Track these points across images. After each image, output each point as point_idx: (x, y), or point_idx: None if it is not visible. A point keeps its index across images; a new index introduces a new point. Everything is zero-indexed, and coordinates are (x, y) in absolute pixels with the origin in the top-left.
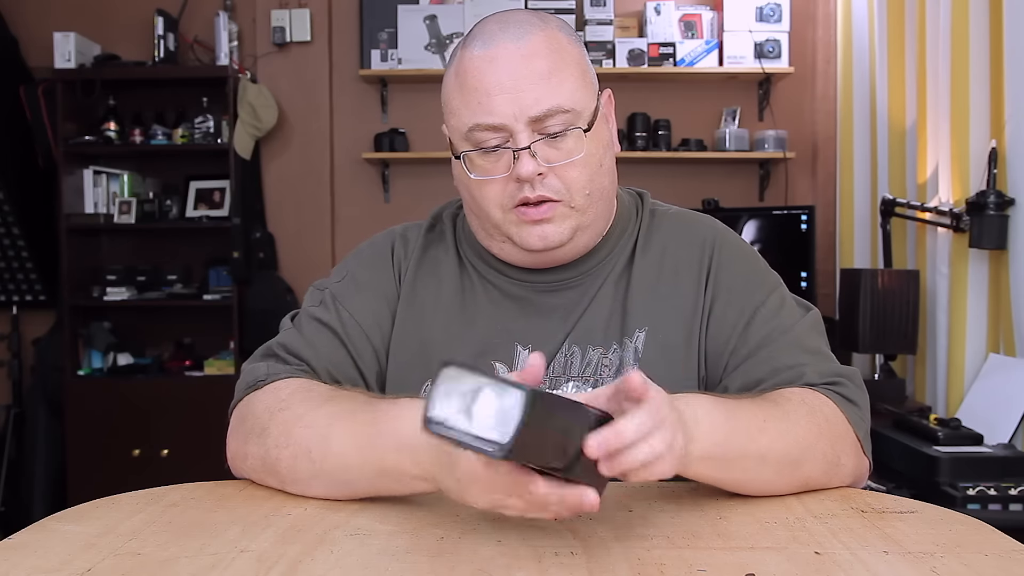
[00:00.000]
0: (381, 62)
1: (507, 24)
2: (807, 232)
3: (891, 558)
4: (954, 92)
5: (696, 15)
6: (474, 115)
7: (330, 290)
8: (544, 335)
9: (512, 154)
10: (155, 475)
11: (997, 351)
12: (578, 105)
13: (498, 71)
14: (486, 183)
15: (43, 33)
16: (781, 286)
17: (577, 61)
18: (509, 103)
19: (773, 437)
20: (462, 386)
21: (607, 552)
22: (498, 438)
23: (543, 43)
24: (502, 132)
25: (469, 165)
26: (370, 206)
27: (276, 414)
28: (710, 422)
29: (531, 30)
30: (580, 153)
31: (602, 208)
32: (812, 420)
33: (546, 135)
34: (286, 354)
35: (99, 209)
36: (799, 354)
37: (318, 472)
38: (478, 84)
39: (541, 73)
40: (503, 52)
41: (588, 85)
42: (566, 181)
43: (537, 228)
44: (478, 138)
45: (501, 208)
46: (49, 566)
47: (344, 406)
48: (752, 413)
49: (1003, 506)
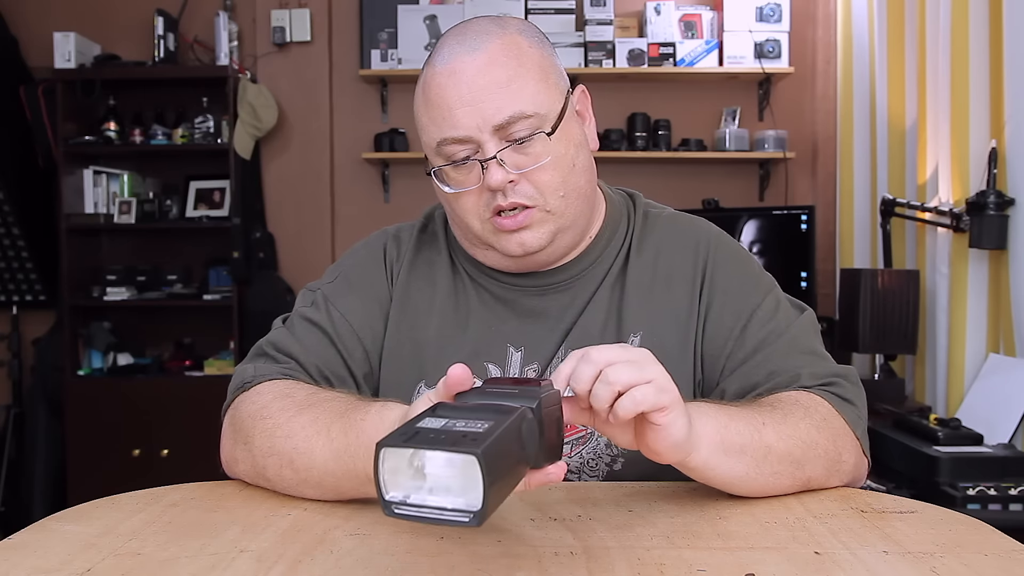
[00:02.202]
0: (381, 62)
1: (465, 36)
2: (807, 232)
3: (891, 558)
4: (954, 92)
5: (696, 15)
6: (440, 130)
7: (322, 291)
8: (537, 338)
9: (481, 165)
10: (155, 475)
11: (997, 351)
12: (541, 108)
13: (458, 85)
14: (461, 196)
15: (43, 33)
16: (775, 288)
17: (538, 64)
18: (471, 115)
19: (774, 436)
20: (406, 460)
21: (607, 552)
22: (468, 506)
23: (500, 51)
24: (469, 144)
25: (443, 179)
26: (370, 206)
27: (257, 423)
28: (714, 414)
29: (488, 39)
30: (547, 157)
31: (580, 207)
32: (810, 420)
33: (512, 142)
34: (276, 352)
35: (99, 209)
36: (795, 357)
37: (304, 480)
38: (440, 100)
39: (500, 82)
40: (461, 65)
41: (551, 87)
42: (538, 185)
43: (515, 236)
44: (447, 152)
45: (479, 218)
46: (49, 566)
47: (319, 414)
48: (752, 414)
49: (1003, 506)
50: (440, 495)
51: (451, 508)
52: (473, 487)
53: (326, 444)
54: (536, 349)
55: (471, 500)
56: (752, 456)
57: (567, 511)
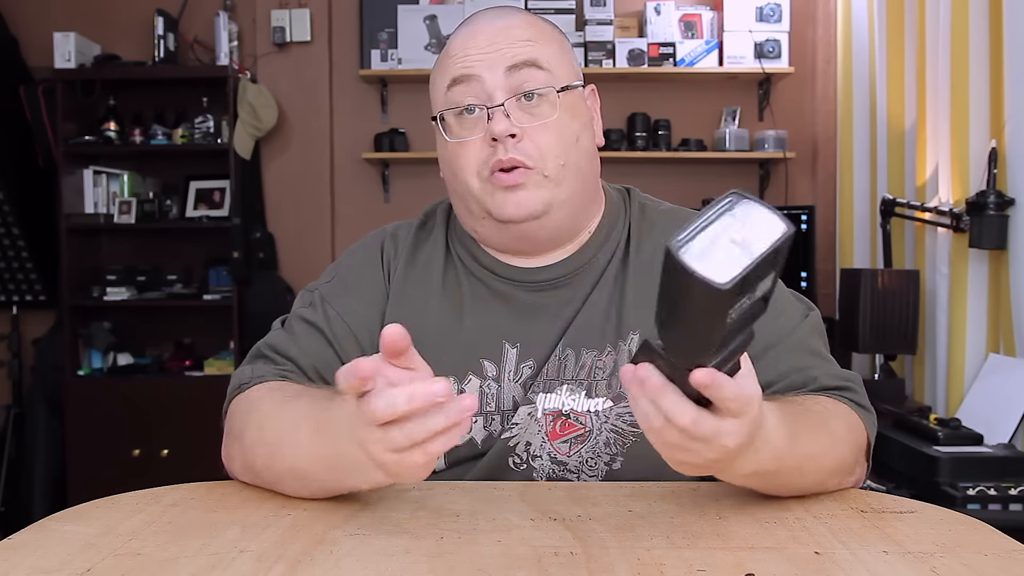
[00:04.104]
0: (381, 62)
1: (488, 10)
2: (807, 232)
3: (891, 558)
4: (954, 92)
5: (696, 15)
6: (451, 72)
7: (319, 291)
8: (534, 335)
9: (487, 115)
10: (155, 475)
11: (997, 351)
12: (555, 69)
13: (477, 38)
14: (462, 148)
15: (43, 33)
16: (779, 284)
17: (558, 39)
18: (486, 60)
19: (820, 461)
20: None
21: (607, 552)
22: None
23: (523, 19)
24: (478, 89)
25: (446, 129)
26: (370, 206)
27: (248, 418)
28: (773, 443)
29: (513, 12)
30: (554, 115)
31: (578, 186)
32: (850, 438)
33: (520, 94)
34: (273, 354)
35: (99, 209)
36: (805, 357)
37: (290, 468)
38: (457, 50)
39: (520, 38)
40: (483, 27)
41: (567, 61)
42: (540, 146)
43: (512, 195)
44: (455, 96)
45: (478, 176)
46: (49, 566)
47: (304, 403)
48: (811, 439)
49: (1003, 506)
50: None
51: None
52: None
53: (309, 432)
54: (533, 346)
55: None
56: (793, 476)
57: (567, 511)
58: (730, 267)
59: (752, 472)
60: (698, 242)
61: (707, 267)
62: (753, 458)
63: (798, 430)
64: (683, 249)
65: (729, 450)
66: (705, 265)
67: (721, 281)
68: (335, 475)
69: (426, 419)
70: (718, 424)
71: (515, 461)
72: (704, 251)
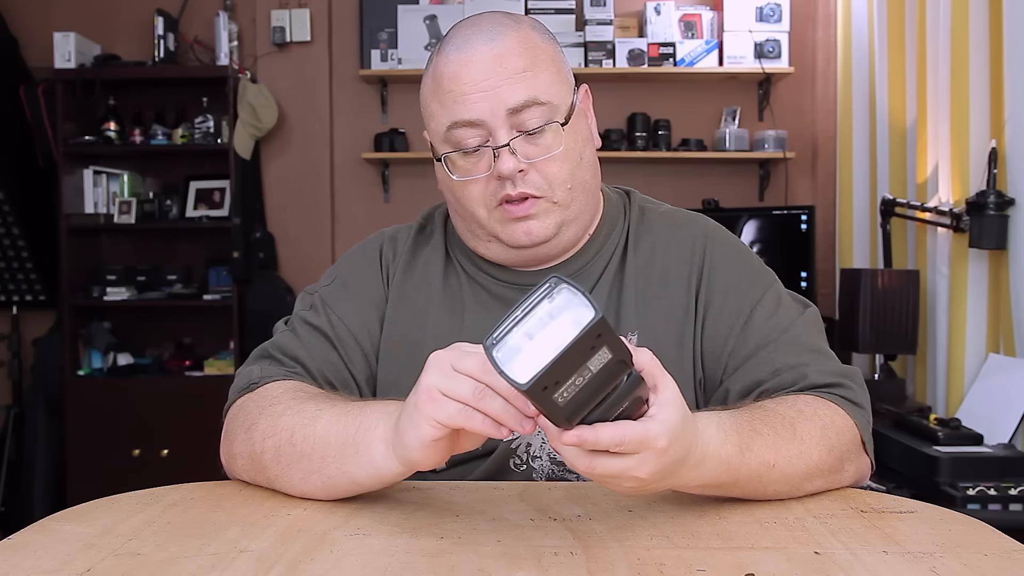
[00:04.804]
0: (381, 62)
1: (480, 27)
2: (807, 232)
3: (891, 558)
4: (954, 92)
5: (696, 15)
6: (452, 114)
7: (319, 294)
8: None
9: (492, 153)
10: (155, 475)
11: (997, 351)
12: (554, 99)
13: (473, 71)
14: (469, 184)
15: (43, 33)
16: (776, 282)
17: (552, 58)
18: (486, 99)
19: (782, 468)
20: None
21: (607, 552)
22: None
23: (516, 43)
24: (480, 129)
25: (451, 167)
26: (370, 206)
27: (266, 408)
28: (719, 457)
29: (504, 31)
30: (559, 148)
31: (585, 202)
32: (824, 440)
33: (524, 131)
34: (281, 355)
35: (99, 209)
36: (800, 353)
37: (299, 456)
38: (454, 85)
39: (516, 69)
40: (477, 54)
41: (563, 81)
42: (547, 177)
43: (522, 224)
44: (457, 138)
45: (485, 207)
46: (49, 566)
47: (332, 400)
48: (769, 447)
49: (1003, 506)
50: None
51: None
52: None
53: (329, 416)
54: None
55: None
56: (753, 486)
57: (567, 511)
58: (533, 364)
59: (703, 484)
60: (511, 338)
61: (514, 367)
62: (695, 473)
63: (752, 441)
64: (496, 348)
65: (645, 480)
66: (513, 365)
67: (522, 381)
68: (340, 460)
69: (489, 397)
70: (620, 462)
71: (515, 462)
72: (516, 347)
